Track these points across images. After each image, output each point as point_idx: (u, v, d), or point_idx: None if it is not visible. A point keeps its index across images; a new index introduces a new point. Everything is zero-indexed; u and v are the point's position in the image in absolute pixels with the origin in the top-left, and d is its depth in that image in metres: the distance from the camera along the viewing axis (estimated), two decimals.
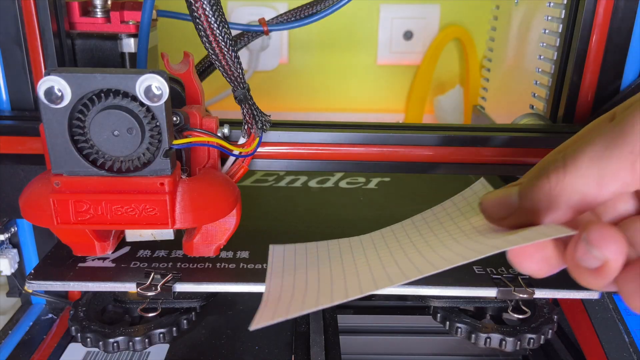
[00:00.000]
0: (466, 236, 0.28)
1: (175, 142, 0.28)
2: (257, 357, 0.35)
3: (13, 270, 0.39)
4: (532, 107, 0.48)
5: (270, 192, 0.45)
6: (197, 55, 0.37)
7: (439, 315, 0.34)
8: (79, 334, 0.31)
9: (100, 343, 0.31)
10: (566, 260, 0.22)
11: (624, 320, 0.36)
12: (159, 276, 0.31)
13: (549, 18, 0.44)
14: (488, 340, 0.32)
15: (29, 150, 0.34)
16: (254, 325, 0.25)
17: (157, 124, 0.26)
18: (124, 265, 0.32)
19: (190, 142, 0.29)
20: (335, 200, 0.43)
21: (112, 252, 0.33)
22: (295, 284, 0.29)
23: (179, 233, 0.33)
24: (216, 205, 0.29)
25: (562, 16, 0.41)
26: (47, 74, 0.25)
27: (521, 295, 0.32)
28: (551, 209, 0.23)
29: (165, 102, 0.25)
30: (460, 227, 0.30)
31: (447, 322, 0.33)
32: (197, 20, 0.28)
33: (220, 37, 0.28)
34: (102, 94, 0.25)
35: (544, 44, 0.45)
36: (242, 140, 0.33)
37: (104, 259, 0.33)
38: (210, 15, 0.27)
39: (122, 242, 0.33)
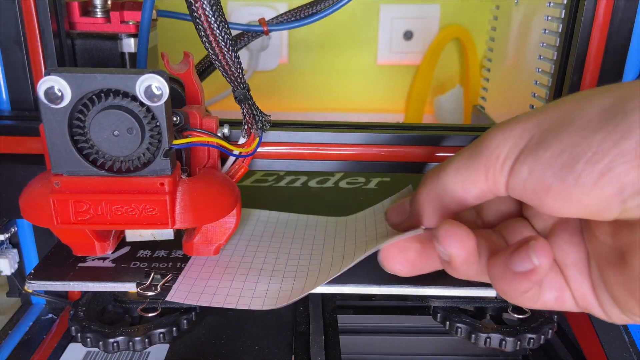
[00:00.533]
0: (374, 238, 0.31)
1: (175, 142, 0.28)
2: (257, 357, 0.35)
3: (13, 270, 0.39)
4: (532, 107, 0.48)
5: (270, 192, 0.45)
6: (197, 55, 0.37)
7: (439, 315, 0.34)
8: (79, 334, 0.31)
9: (100, 343, 0.31)
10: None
11: None
12: (159, 276, 0.31)
13: (549, 18, 0.44)
14: (488, 340, 0.32)
15: (29, 150, 0.34)
16: (168, 298, 0.29)
17: (157, 124, 0.26)
18: (124, 265, 0.32)
19: (190, 142, 0.29)
20: (335, 201, 0.43)
21: (112, 252, 0.33)
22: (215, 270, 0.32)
23: (179, 233, 0.33)
24: (216, 205, 0.29)
25: (562, 16, 0.41)
26: (47, 74, 0.25)
27: None
28: (430, 212, 0.26)
29: (165, 102, 0.25)
30: (377, 230, 0.33)
31: (447, 322, 0.33)
32: (197, 20, 0.28)
33: (220, 37, 0.28)
34: (102, 94, 0.25)
35: (544, 44, 0.45)
36: (242, 140, 0.33)
37: (104, 259, 0.33)
38: (210, 15, 0.27)
39: (122, 242, 0.33)
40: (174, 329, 0.32)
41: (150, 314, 0.32)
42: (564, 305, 0.25)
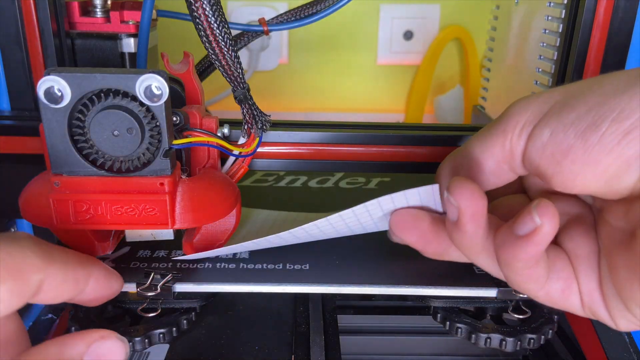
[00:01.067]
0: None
1: (175, 142, 0.28)
2: (257, 357, 0.35)
3: None
4: None
5: (270, 192, 0.45)
6: (197, 55, 0.37)
7: (439, 315, 0.34)
8: None
9: None
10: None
11: None
12: (159, 276, 0.31)
13: (549, 18, 0.44)
14: (488, 340, 0.32)
15: (29, 150, 0.34)
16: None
17: (157, 124, 0.26)
18: (123, 265, 0.32)
19: (190, 142, 0.29)
20: (335, 201, 0.43)
21: (112, 252, 0.33)
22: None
23: (178, 233, 0.33)
24: (216, 205, 0.29)
25: (562, 16, 0.41)
26: (47, 73, 0.25)
27: (521, 296, 0.32)
28: (447, 180, 0.26)
29: (165, 102, 0.25)
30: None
31: (447, 322, 0.33)
32: (197, 20, 0.28)
33: (220, 37, 0.28)
34: (102, 94, 0.25)
35: (544, 44, 0.45)
36: (242, 140, 0.33)
37: (104, 259, 0.33)
38: (210, 15, 0.27)
39: (122, 242, 0.33)
40: (174, 329, 0.32)
41: (150, 314, 0.32)
42: (568, 300, 0.24)
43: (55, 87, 0.25)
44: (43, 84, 0.24)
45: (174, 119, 0.30)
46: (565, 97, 0.22)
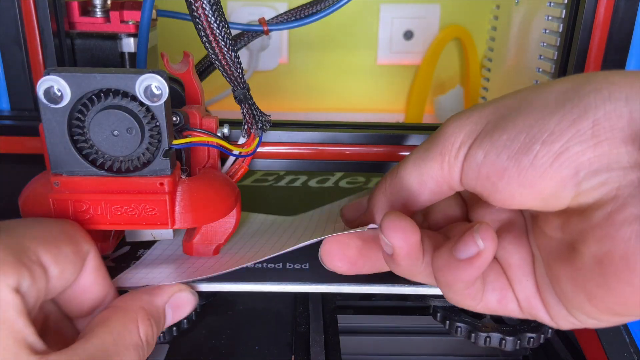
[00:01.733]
0: (323, 232, 0.30)
1: (175, 142, 0.28)
2: (257, 357, 0.35)
3: None
4: None
5: (270, 192, 0.45)
6: (197, 55, 0.37)
7: (439, 314, 0.34)
8: None
9: None
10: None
11: None
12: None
13: (550, 18, 0.44)
14: (488, 339, 0.32)
15: (29, 150, 0.34)
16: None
17: (157, 123, 0.26)
18: (123, 265, 0.32)
19: (190, 142, 0.29)
20: (335, 201, 0.43)
21: (112, 252, 0.33)
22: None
23: (178, 233, 0.33)
24: (216, 205, 0.29)
25: (563, 16, 0.41)
26: (47, 73, 0.24)
27: None
28: (384, 209, 0.26)
29: (165, 102, 0.25)
30: (336, 225, 0.32)
31: (447, 322, 0.33)
32: (197, 20, 0.28)
33: (220, 37, 0.28)
34: (102, 94, 0.25)
35: (545, 44, 0.45)
36: (242, 140, 0.33)
37: (104, 258, 0.33)
38: (210, 15, 0.27)
39: (122, 242, 0.33)
40: (174, 328, 0.32)
41: None
42: (506, 308, 0.24)
43: (55, 87, 0.25)
44: (43, 84, 0.24)
45: (174, 119, 0.30)
46: (496, 117, 0.22)
